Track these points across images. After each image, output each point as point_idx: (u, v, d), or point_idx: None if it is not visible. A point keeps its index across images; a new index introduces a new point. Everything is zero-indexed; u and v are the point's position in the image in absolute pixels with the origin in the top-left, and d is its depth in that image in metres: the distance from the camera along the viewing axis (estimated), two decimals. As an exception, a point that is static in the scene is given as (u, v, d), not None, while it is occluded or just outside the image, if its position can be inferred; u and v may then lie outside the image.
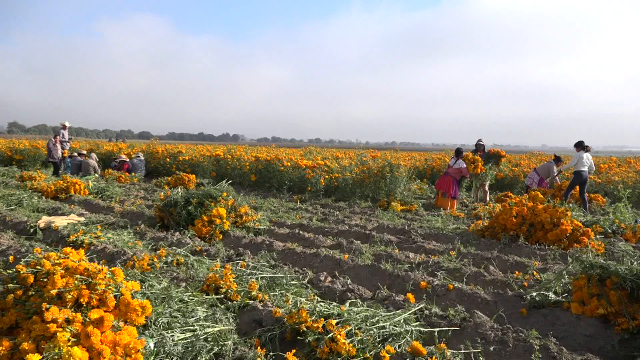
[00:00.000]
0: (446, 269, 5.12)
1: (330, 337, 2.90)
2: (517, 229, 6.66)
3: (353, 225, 8.05)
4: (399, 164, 12.35)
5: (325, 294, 4.32)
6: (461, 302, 4.12)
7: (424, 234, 7.24)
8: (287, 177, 13.48)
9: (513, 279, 4.70)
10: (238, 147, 20.31)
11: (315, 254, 5.62)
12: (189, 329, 3.06)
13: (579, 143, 11.36)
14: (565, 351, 3.00)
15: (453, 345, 3.21)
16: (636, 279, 3.51)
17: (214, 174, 15.49)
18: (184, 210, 6.95)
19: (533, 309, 3.92)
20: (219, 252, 5.66)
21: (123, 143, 30.49)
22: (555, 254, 5.85)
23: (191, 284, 4.22)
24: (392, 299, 3.98)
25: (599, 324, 3.56)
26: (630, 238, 7.00)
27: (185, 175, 12.81)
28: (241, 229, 7.09)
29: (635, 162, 19.24)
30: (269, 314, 3.53)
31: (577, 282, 3.87)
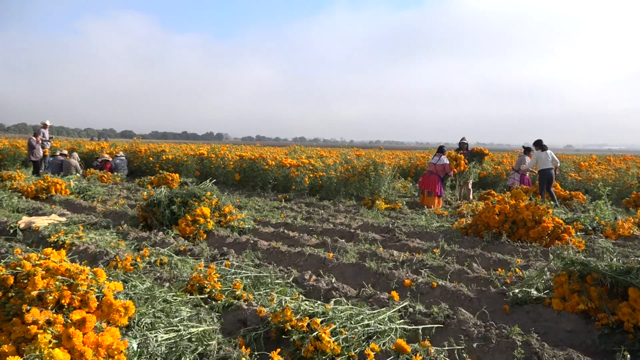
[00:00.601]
0: (430, 266, 5.15)
1: (315, 336, 2.91)
2: (500, 227, 6.73)
3: (338, 223, 8.06)
4: (383, 162, 12.40)
5: (310, 292, 4.32)
6: (445, 299, 4.15)
7: (408, 232, 7.28)
8: (272, 176, 13.45)
9: (496, 276, 4.75)
10: (222, 146, 20.21)
11: (300, 252, 5.62)
12: (172, 329, 3.04)
13: (537, 142, 11.60)
14: (547, 347, 3.04)
15: (437, 342, 3.24)
16: (616, 275, 3.57)
17: (197, 173, 15.40)
18: (168, 210, 6.90)
19: (515, 306, 3.97)
20: (203, 252, 5.63)
21: (105, 142, 30.16)
22: (537, 251, 5.92)
23: (175, 284, 4.19)
24: (377, 297, 4.00)
25: (580, 320, 3.61)
26: (610, 235, 7.12)
27: (168, 174, 12.72)
28: (225, 228, 7.06)
29: (615, 160, 19.57)
30: (254, 313, 3.52)
31: (558, 279, 3.92)
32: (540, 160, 11.37)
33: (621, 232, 7.17)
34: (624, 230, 7.20)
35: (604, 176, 14.26)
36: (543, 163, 11.31)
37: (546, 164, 11.26)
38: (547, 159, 11.31)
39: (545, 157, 11.32)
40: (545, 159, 11.31)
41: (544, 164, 11.29)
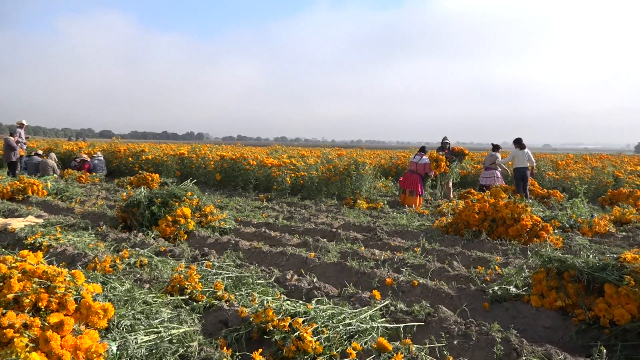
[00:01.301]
0: (411, 265, 5.18)
1: (297, 336, 2.90)
2: (480, 225, 6.81)
3: (319, 223, 8.07)
4: (365, 162, 12.44)
5: (292, 292, 4.31)
6: (426, 297, 4.18)
7: (389, 231, 7.32)
8: (253, 176, 13.40)
9: (476, 274, 4.80)
10: (203, 146, 20.07)
11: (281, 252, 5.61)
12: (153, 331, 3.01)
13: (516, 140, 11.82)
14: (526, 343, 3.08)
15: (418, 340, 3.26)
16: (592, 272, 3.64)
17: (178, 173, 15.26)
18: (148, 211, 6.83)
19: (495, 303, 4.01)
20: (183, 253, 5.59)
21: (83, 142, 29.69)
22: (516, 249, 6.00)
23: (155, 285, 4.14)
24: (359, 296, 4.01)
25: (558, 316, 3.67)
26: (587, 232, 7.25)
27: (148, 174, 12.58)
28: (206, 228, 7.01)
29: (592, 159, 19.94)
30: (235, 313, 3.50)
31: (536, 276, 3.98)
32: (517, 158, 11.57)
33: (597, 229, 7.32)
34: (600, 228, 7.35)
35: (581, 175, 14.52)
36: (519, 161, 11.51)
37: (522, 163, 11.46)
38: (524, 157, 11.51)
39: (522, 156, 11.52)
40: (522, 158, 11.51)
41: (520, 162, 11.49)
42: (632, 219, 8.17)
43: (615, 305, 3.41)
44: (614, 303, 3.43)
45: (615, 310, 3.37)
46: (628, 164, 19.20)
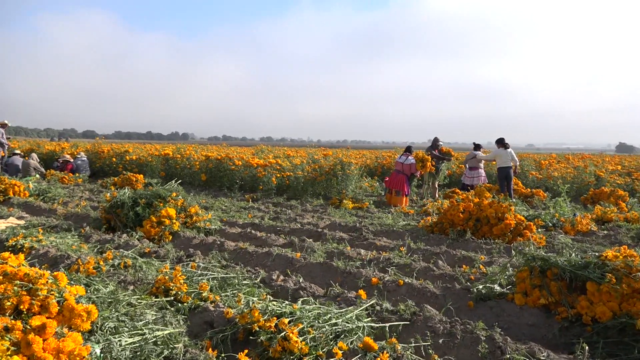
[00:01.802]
0: (397, 264, 5.21)
1: (283, 336, 2.90)
2: (464, 224, 6.86)
3: (305, 223, 8.06)
4: (351, 162, 12.46)
5: (277, 292, 4.31)
6: (411, 296, 4.20)
7: (375, 231, 7.34)
8: (239, 176, 13.35)
9: (461, 273, 4.84)
10: (188, 146, 19.94)
11: (267, 253, 5.60)
12: (137, 333, 2.98)
13: (499, 140, 11.94)
14: (510, 341, 3.11)
15: (404, 339, 3.27)
16: (574, 270, 3.69)
17: (163, 173, 15.15)
18: (132, 212, 6.76)
19: (480, 301, 4.05)
20: (168, 254, 5.55)
21: (66, 142, 29.32)
22: (500, 248, 6.06)
23: (140, 287, 4.11)
24: (344, 296, 4.02)
25: (541, 314, 3.72)
26: (569, 231, 7.35)
27: (132, 175, 12.47)
28: (191, 229, 6.97)
29: (574, 158, 20.21)
30: (221, 314, 3.49)
31: (520, 274, 4.02)
32: (500, 157, 11.68)
33: (579, 228, 7.42)
34: (582, 227, 7.45)
35: (563, 174, 14.70)
36: (502, 161, 11.62)
37: (505, 162, 11.58)
38: (507, 157, 11.62)
39: (505, 155, 11.63)
40: (505, 157, 11.62)
41: (503, 161, 11.61)
42: (614, 217, 8.30)
43: (597, 303, 3.46)
44: (596, 301, 3.48)
45: (597, 307, 3.42)
46: (609, 164, 19.50)
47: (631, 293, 3.40)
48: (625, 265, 3.52)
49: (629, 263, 3.53)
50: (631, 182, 14.50)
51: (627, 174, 16.00)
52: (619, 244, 6.42)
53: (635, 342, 3.16)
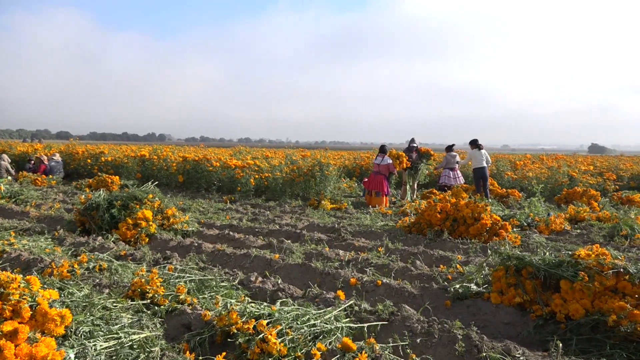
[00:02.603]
0: (375, 265, 5.23)
1: (261, 338, 2.89)
2: (442, 224, 6.93)
3: (284, 224, 8.05)
4: (329, 163, 12.49)
5: (256, 294, 4.29)
6: (389, 296, 4.23)
7: (353, 232, 7.36)
8: (216, 178, 13.26)
9: (438, 273, 4.88)
10: (165, 147, 19.71)
11: (245, 254, 5.57)
12: (112, 337, 2.93)
13: (472, 141, 12.11)
14: (486, 339, 3.15)
15: (382, 339, 3.29)
16: (548, 269, 3.76)
17: (139, 175, 14.95)
18: (107, 214, 6.66)
19: (457, 301, 4.10)
20: (145, 256, 5.47)
21: (39, 144, 28.72)
22: (477, 247, 6.14)
23: (115, 290, 4.05)
24: (323, 297, 4.02)
25: (517, 312, 3.77)
26: (544, 230, 7.48)
27: (108, 176, 12.27)
28: (168, 231, 6.89)
29: (548, 159, 20.59)
30: (198, 317, 3.45)
31: (496, 273, 4.08)
32: (475, 158, 11.84)
33: (553, 227, 7.56)
34: (556, 226, 7.59)
35: (538, 174, 14.96)
36: (477, 161, 11.78)
37: (480, 163, 11.74)
38: (482, 157, 11.78)
39: (480, 156, 11.79)
40: (479, 158, 11.78)
41: (478, 162, 11.77)
42: (586, 217, 8.47)
43: (571, 301, 3.53)
44: (569, 298, 3.55)
45: (571, 305, 3.49)
46: (582, 164, 19.91)
47: (603, 290, 3.48)
48: (597, 264, 3.60)
49: (600, 261, 3.61)
50: (603, 182, 14.83)
51: (599, 174, 16.36)
52: (592, 243, 6.56)
53: (607, 338, 3.23)
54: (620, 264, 3.58)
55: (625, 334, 3.17)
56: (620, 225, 7.16)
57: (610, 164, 21.78)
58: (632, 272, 3.49)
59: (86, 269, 4.64)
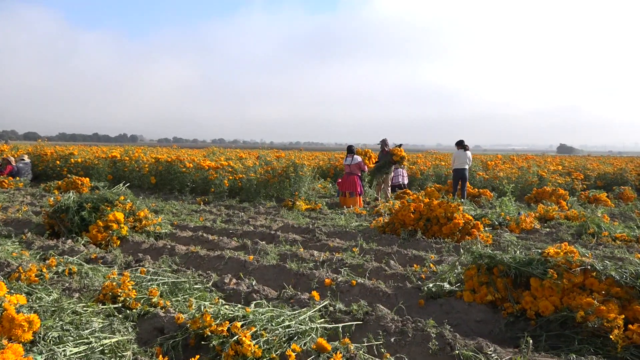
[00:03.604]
0: (349, 265, 5.25)
1: (236, 340, 2.87)
2: (415, 224, 7.00)
3: (258, 225, 8.01)
4: (303, 163, 12.49)
5: (230, 296, 4.26)
6: (364, 296, 4.25)
7: (328, 232, 7.38)
8: (190, 179, 13.12)
9: (412, 272, 4.93)
10: (136, 149, 19.42)
11: (219, 256, 5.53)
12: (83, 342, 2.87)
13: (458, 142, 12.23)
14: (459, 337, 3.20)
15: (357, 339, 3.30)
16: (519, 267, 3.83)
17: (110, 177, 14.69)
18: (77, 216, 6.52)
19: (430, 300, 4.14)
20: (116, 259, 5.38)
21: (5, 145, 27.96)
22: (450, 247, 6.22)
23: (86, 294, 3.97)
24: (298, 298, 4.01)
25: (489, 310, 3.84)
26: (515, 229, 7.63)
27: (78, 178, 12.02)
28: (141, 233, 6.79)
29: (518, 159, 21.00)
30: (172, 320, 3.41)
31: (468, 272, 4.14)
32: (458, 159, 11.93)
33: (524, 226, 7.71)
34: (527, 225, 7.75)
35: (509, 174, 15.24)
36: (459, 162, 11.88)
37: (462, 164, 11.83)
38: (465, 158, 11.86)
39: (463, 157, 11.87)
40: (463, 159, 11.87)
41: (459, 163, 11.87)
42: (555, 215, 8.67)
43: (540, 298, 3.60)
44: (539, 295, 3.63)
45: (540, 302, 3.56)
46: (551, 164, 20.37)
47: (571, 287, 3.57)
48: (565, 261, 3.68)
49: (569, 259, 3.70)
50: (571, 181, 15.20)
51: (567, 174, 16.75)
52: (560, 241, 6.71)
53: (575, 334, 3.32)
54: (587, 261, 3.67)
55: (593, 330, 3.26)
56: (587, 223, 7.35)
57: (578, 164, 22.34)
58: (599, 269, 3.59)
59: (55, 273, 4.53)
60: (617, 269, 3.58)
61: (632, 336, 3.14)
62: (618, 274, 3.53)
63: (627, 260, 3.75)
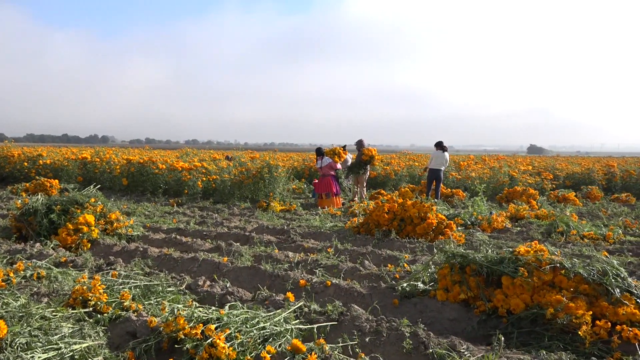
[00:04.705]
0: (324, 266, 5.26)
1: (210, 343, 2.84)
2: (389, 224, 7.05)
3: (232, 227, 7.96)
4: (278, 164, 12.45)
5: (204, 299, 4.21)
6: (339, 297, 4.26)
7: (302, 233, 7.37)
8: (163, 180, 12.95)
9: (386, 272, 4.96)
10: (108, 150, 19.05)
11: (193, 258, 5.47)
12: (52, 348, 2.81)
13: (438, 143, 12.36)
14: (433, 336, 3.23)
15: (332, 339, 3.31)
16: (491, 265, 3.89)
17: (80, 178, 14.39)
18: (46, 219, 6.37)
19: (404, 299, 4.17)
20: (87, 263, 5.28)
21: (-30, 146, 27.13)
22: (423, 246, 6.28)
23: (55, 299, 3.88)
24: (273, 299, 4.00)
25: (462, 308, 3.89)
26: (486, 228, 7.76)
27: (46, 180, 11.74)
28: (112, 236, 6.67)
29: (490, 159, 21.35)
30: (144, 324, 3.36)
31: (441, 271, 4.19)
32: (435, 159, 12.04)
33: (495, 225, 7.85)
34: (498, 224, 7.89)
35: (480, 175, 15.47)
36: (435, 163, 11.99)
37: (438, 165, 11.94)
38: (442, 159, 11.97)
39: (440, 158, 11.98)
40: (440, 160, 11.97)
41: (435, 163, 11.98)
42: (526, 215, 8.85)
43: (512, 296, 3.67)
44: (510, 293, 3.69)
45: (512, 300, 3.62)
46: (521, 164, 20.77)
47: (541, 285, 3.64)
48: (535, 259, 3.76)
49: (539, 257, 3.77)
50: (541, 181, 15.52)
51: (537, 174, 17.10)
52: (531, 240, 6.85)
53: (545, 330, 3.39)
54: (556, 259, 3.75)
55: (562, 326, 3.33)
56: (556, 222, 7.52)
57: (548, 164, 22.84)
58: (568, 267, 3.67)
59: (23, 278, 4.42)
60: (585, 266, 3.67)
61: (600, 332, 3.22)
62: (586, 271, 3.62)
63: (595, 258, 3.84)
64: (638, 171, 16.90)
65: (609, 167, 18.07)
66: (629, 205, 12.30)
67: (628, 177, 16.58)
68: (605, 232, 7.06)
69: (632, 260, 5.71)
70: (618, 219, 9.04)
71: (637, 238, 7.19)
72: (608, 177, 16.96)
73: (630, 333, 3.13)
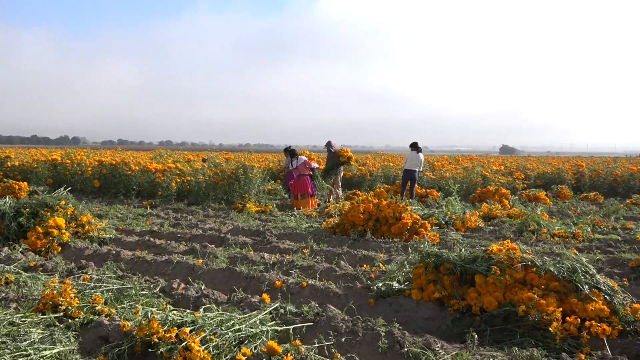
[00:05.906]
0: (300, 267, 5.25)
1: (184, 346, 2.81)
2: (365, 225, 7.08)
3: (207, 229, 7.89)
4: (253, 165, 12.39)
5: (178, 301, 4.17)
6: (315, 298, 4.26)
7: (278, 234, 7.35)
8: (136, 182, 12.76)
9: (362, 272, 4.99)
10: (79, 151, 18.69)
11: (167, 260, 5.41)
12: (21, 355, 2.74)
13: (413, 144, 12.47)
14: (408, 334, 3.26)
15: (308, 340, 3.31)
16: (464, 264, 3.95)
17: (50, 181, 14.08)
18: (14, 222, 6.21)
19: (380, 299, 4.20)
20: (57, 267, 5.17)
21: None
22: (399, 246, 6.33)
23: (24, 304, 3.79)
24: (248, 301, 3.98)
25: (436, 307, 3.93)
26: (460, 227, 7.86)
27: (15, 182, 11.43)
28: (84, 239, 6.54)
29: (463, 160, 21.65)
30: (117, 328, 3.30)
31: (416, 271, 4.23)
32: (410, 160, 12.14)
33: (469, 224, 7.96)
34: (471, 223, 8.00)
35: (454, 175, 15.67)
36: (410, 163, 12.09)
37: (413, 165, 12.04)
38: (417, 160, 12.07)
39: (415, 159, 12.08)
40: (415, 160, 12.07)
41: (409, 164, 12.09)
42: (498, 214, 9.00)
43: (485, 294, 3.72)
44: (484, 292, 3.75)
45: (485, 298, 3.68)
46: (494, 164, 21.11)
47: (513, 283, 3.71)
48: (508, 258, 3.83)
49: (511, 255, 3.84)
50: (513, 181, 15.80)
51: (509, 174, 17.40)
52: (503, 238, 6.96)
53: (517, 327, 3.45)
54: (528, 257, 3.83)
55: (534, 323, 3.40)
56: (528, 221, 7.66)
57: (519, 164, 23.27)
58: (539, 264, 3.75)
59: (-10, 283, 4.30)
60: (555, 264, 3.76)
61: (570, 328, 3.30)
62: (556, 269, 3.70)
63: (564, 255, 3.93)
64: (606, 171, 17.36)
65: (578, 167, 18.50)
66: (597, 203, 12.61)
67: (596, 177, 17.00)
68: (575, 231, 7.22)
69: (601, 258, 5.85)
70: (587, 217, 9.26)
71: (605, 236, 7.37)
72: (577, 177, 17.36)
73: (598, 328, 3.22)
